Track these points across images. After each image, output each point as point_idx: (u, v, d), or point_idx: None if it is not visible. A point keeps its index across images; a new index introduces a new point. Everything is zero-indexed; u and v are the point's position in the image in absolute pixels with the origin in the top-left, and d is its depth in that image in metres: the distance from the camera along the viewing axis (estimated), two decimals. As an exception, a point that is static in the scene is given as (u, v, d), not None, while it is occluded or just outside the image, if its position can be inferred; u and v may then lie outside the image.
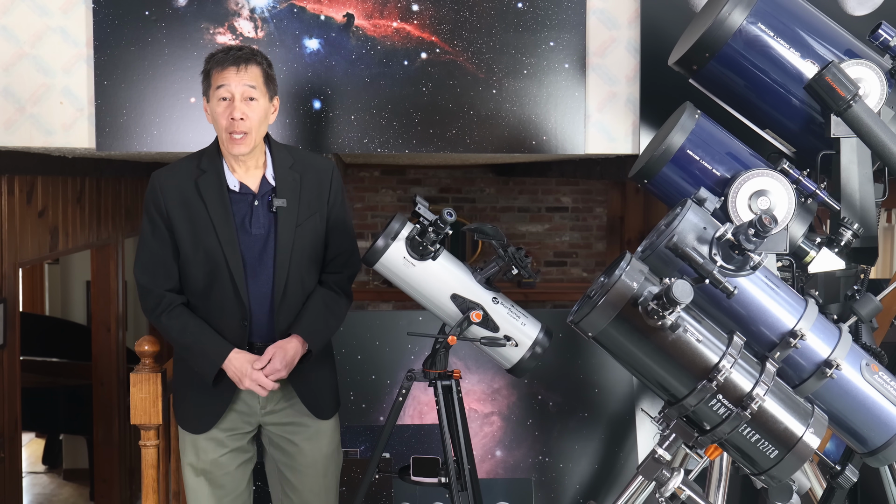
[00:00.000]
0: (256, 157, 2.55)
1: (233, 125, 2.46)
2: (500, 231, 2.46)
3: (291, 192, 2.54)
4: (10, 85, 3.07)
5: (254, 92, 2.47)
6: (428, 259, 2.41)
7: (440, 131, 3.16)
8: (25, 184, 4.42)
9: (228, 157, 2.54)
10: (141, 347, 2.90)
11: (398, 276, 2.43)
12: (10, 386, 4.38)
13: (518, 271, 2.45)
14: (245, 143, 2.48)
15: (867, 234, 2.37)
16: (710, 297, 2.10)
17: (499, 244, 2.44)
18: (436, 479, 2.54)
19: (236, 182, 2.54)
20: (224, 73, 2.46)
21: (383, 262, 2.40)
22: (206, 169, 2.53)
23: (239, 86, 2.46)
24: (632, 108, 3.21)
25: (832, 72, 2.25)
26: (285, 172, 2.55)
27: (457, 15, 3.13)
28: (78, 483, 6.77)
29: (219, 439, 2.60)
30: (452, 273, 2.45)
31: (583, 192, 7.77)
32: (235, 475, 2.65)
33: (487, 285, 2.46)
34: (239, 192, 2.53)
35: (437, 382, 2.52)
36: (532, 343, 2.45)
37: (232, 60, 2.46)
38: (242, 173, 2.55)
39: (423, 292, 2.45)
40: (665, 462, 2.03)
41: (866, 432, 2.19)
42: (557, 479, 3.48)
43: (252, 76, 2.47)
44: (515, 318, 2.46)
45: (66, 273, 8.06)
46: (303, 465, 2.65)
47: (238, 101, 2.46)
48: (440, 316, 2.48)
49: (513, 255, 2.43)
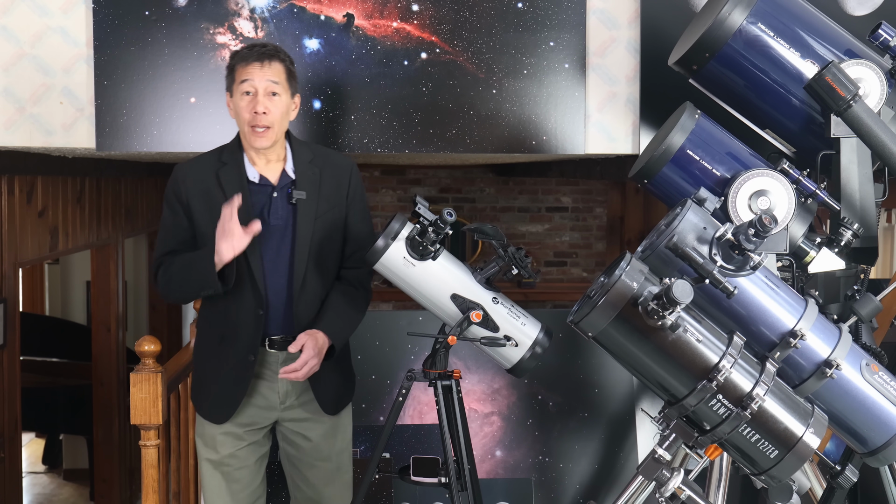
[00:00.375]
0: (277, 151, 2.60)
1: (255, 119, 2.51)
2: (500, 231, 2.46)
3: (311, 185, 2.58)
4: (10, 85, 3.07)
5: (276, 87, 2.53)
6: (428, 259, 2.41)
7: (440, 131, 3.16)
8: (25, 184, 4.42)
9: (249, 151, 2.59)
10: (141, 347, 2.90)
11: (398, 276, 2.43)
12: (10, 386, 4.39)
13: (518, 271, 2.45)
14: (267, 136, 2.53)
15: (867, 234, 2.37)
16: (710, 297, 2.10)
17: (499, 244, 2.44)
18: (436, 479, 2.54)
19: (256, 174, 2.58)
20: (248, 69, 2.52)
21: (383, 262, 2.41)
22: (226, 161, 2.59)
23: (262, 81, 2.52)
24: (632, 108, 3.21)
25: (832, 72, 2.25)
26: (305, 167, 2.60)
27: (457, 15, 3.13)
28: (78, 483, 6.78)
29: (237, 434, 2.63)
30: (452, 273, 2.45)
31: (583, 192, 7.76)
32: (251, 469, 2.67)
33: (487, 285, 2.46)
34: (258, 183, 2.58)
35: (437, 382, 2.51)
36: (532, 343, 2.45)
37: (256, 56, 2.53)
38: (263, 166, 2.60)
39: (423, 292, 2.45)
40: (665, 462, 2.03)
41: (866, 432, 2.19)
42: (557, 479, 3.48)
43: (275, 72, 2.53)
44: (515, 318, 2.46)
45: (66, 273, 8.06)
46: (318, 459, 2.68)
47: (261, 96, 2.52)
48: (440, 316, 2.48)
49: (513, 255, 2.43)
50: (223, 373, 2.60)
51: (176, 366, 3.22)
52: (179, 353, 3.45)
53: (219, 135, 3.10)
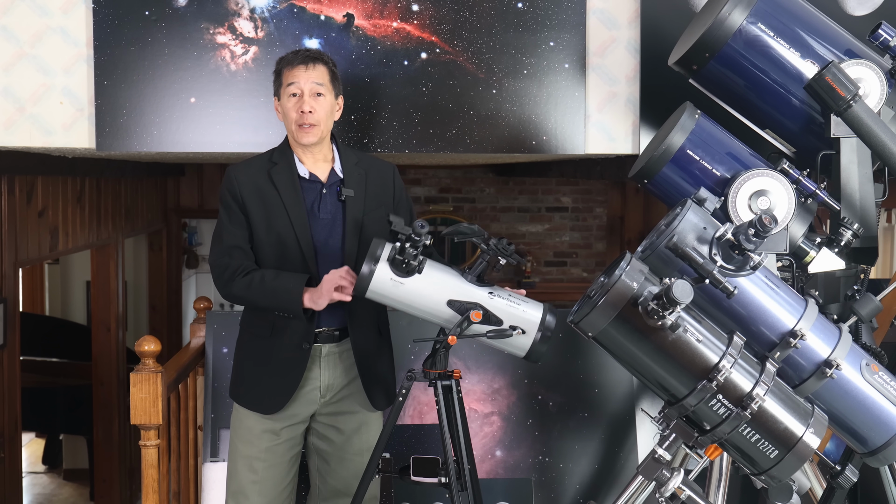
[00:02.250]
0: (325, 151, 2.72)
1: (302, 118, 2.63)
2: (477, 227, 2.47)
3: (358, 184, 2.70)
4: (10, 85, 3.07)
5: (321, 88, 2.65)
6: (414, 274, 2.41)
7: (440, 131, 3.16)
8: (25, 184, 4.43)
9: (297, 149, 2.70)
10: (141, 347, 2.90)
11: (391, 299, 2.44)
12: (10, 386, 4.39)
13: (505, 260, 2.45)
14: (313, 133, 2.65)
15: (867, 234, 2.37)
16: (710, 297, 2.10)
17: (479, 240, 2.45)
18: (436, 479, 2.54)
19: (306, 171, 2.70)
20: (294, 72, 2.65)
21: (373, 289, 2.41)
22: (277, 161, 2.70)
23: (308, 82, 2.64)
24: (632, 108, 3.21)
25: (832, 72, 2.25)
26: (352, 168, 2.73)
27: (457, 15, 3.13)
28: (78, 483, 6.78)
29: (274, 430, 2.71)
30: (442, 280, 2.44)
31: (583, 192, 7.77)
32: (284, 466, 2.75)
33: (480, 282, 2.46)
34: (309, 180, 2.69)
35: (437, 382, 2.51)
36: (539, 326, 2.45)
37: (301, 60, 2.66)
38: (312, 165, 2.71)
39: (419, 307, 2.45)
40: (665, 462, 2.03)
41: (866, 432, 2.19)
42: (557, 479, 3.48)
43: (319, 74, 2.66)
44: (516, 307, 2.46)
45: (66, 273, 8.06)
46: (351, 453, 2.76)
47: (307, 97, 2.64)
48: (443, 325, 2.48)
49: (495, 246, 2.44)
50: (274, 363, 2.68)
51: (176, 366, 3.22)
52: (179, 353, 3.45)
53: (219, 135, 3.11)
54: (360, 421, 2.76)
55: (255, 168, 2.70)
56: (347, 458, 2.77)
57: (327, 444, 2.78)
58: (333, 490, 2.80)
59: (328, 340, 2.70)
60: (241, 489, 2.73)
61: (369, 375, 2.73)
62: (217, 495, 3.29)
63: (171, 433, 3.20)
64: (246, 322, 2.77)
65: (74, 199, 5.07)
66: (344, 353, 2.72)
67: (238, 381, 2.78)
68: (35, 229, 4.58)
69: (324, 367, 2.71)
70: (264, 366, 2.69)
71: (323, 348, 2.70)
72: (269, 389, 2.69)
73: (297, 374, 2.68)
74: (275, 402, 2.69)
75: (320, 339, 2.70)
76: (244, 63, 3.10)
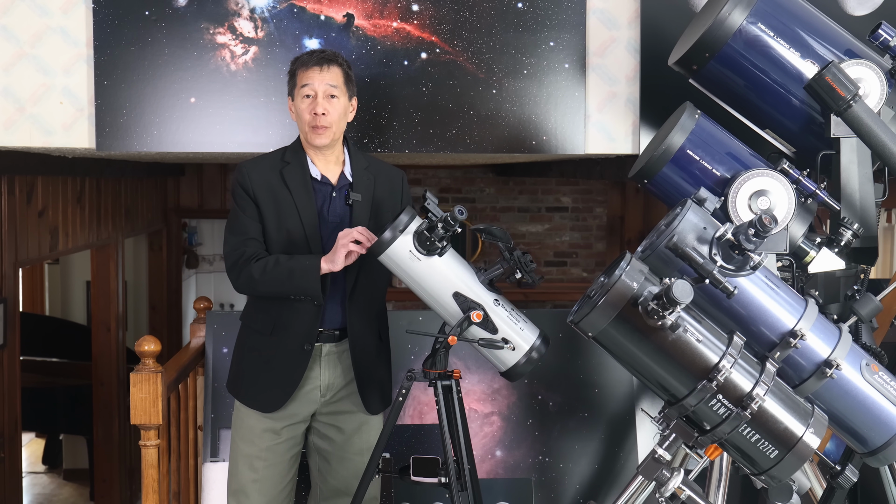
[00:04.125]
0: (336, 153, 2.73)
1: (315, 119, 2.64)
2: (508, 234, 2.46)
3: (366, 189, 2.71)
4: (10, 85, 3.07)
5: (335, 90, 2.66)
6: (434, 255, 2.42)
7: (440, 131, 3.16)
8: (25, 184, 4.43)
9: (309, 150, 2.71)
10: (141, 347, 2.90)
11: (402, 270, 2.44)
12: (10, 386, 4.39)
13: (522, 276, 2.45)
14: (325, 134, 2.65)
15: (867, 234, 2.37)
16: (710, 297, 2.10)
17: (505, 247, 2.45)
18: (436, 479, 2.54)
19: (318, 172, 2.70)
20: (308, 73, 2.65)
21: (388, 254, 2.42)
22: (290, 160, 2.71)
23: (322, 84, 2.64)
24: (632, 108, 3.21)
25: (832, 72, 2.25)
26: (361, 172, 2.73)
27: (457, 15, 3.13)
28: (78, 483, 6.78)
29: (275, 429, 2.72)
30: (457, 271, 2.45)
31: (583, 192, 7.77)
32: (284, 465, 2.76)
33: (490, 287, 2.47)
34: (320, 181, 2.70)
35: (437, 382, 2.52)
36: (529, 349, 2.46)
37: (315, 61, 2.66)
38: (323, 166, 2.71)
39: (425, 287, 2.45)
40: (665, 462, 2.03)
41: (866, 432, 2.19)
42: (557, 479, 3.48)
43: (333, 76, 2.66)
44: (515, 322, 2.47)
45: (66, 273, 8.06)
46: (351, 453, 2.77)
47: (320, 98, 2.64)
48: (440, 313, 2.48)
49: (518, 259, 2.43)
50: (275, 362, 2.68)
51: (176, 366, 3.22)
52: (179, 353, 3.45)
53: (219, 135, 3.11)
54: (360, 420, 2.77)
55: (267, 166, 2.70)
56: (348, 457, 2.77)
57: (328, 443, 2.79)
58: (334, 489, 2.81)
59: (329, 340, 2.71)
60: (241, 488, 2.74)
61: (366, 379, 2.73)
62: (217, 495, 3.29)
63: (171, 433, 3.20)
64: (248, 317, 2.78)
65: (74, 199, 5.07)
66: (344, 354, 2.73)
67: (237, 377, 2.78)
68: (35, 229, 4.58)
69: (324, 367, 2.72)
70: (265, 363, 2.70)
71: (323, 348, 2.71)
72: (269, 387, 2.70)
73: (297, 374, 2.68)
74: (274, 401, 2.69)
75: (321, 339, 2.70)
76: (244, 63, 3.10)
